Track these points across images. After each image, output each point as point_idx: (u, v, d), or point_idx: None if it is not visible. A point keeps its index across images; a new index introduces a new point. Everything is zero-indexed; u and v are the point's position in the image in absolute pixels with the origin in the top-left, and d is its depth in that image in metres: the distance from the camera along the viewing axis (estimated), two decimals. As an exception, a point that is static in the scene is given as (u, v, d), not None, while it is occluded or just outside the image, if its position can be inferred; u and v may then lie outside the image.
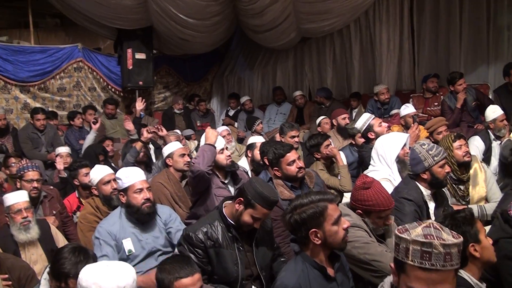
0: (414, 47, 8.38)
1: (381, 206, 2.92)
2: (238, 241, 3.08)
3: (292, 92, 9.11)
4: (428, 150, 3.53)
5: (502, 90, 6.77)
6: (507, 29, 7.76)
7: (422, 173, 3.53)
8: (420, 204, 3.41)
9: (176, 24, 7.76)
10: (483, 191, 4.26)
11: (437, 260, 1.75)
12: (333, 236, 2.47)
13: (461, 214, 2.43)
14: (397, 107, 7.20)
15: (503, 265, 2.75)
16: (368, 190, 2.96)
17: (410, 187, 3.52)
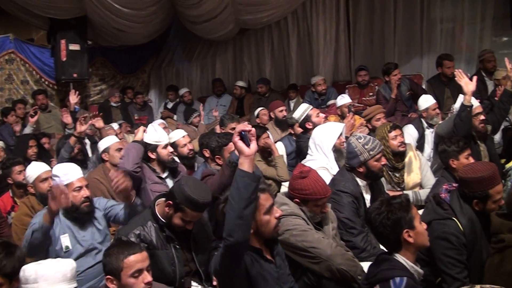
0: (350, 39, 8.55)
1: (317, 194, 2.98)
2: (173, 240, 3.03)
3: (232, 83, 9.09)
4: (364, 145, 3.56)
5: (435, 80, 7.01)
6: (440, 22, 8.06)
7: (358, 167, 3.58)
8: (356, 196, 3.49)
9: (111, 14, 7.56)
10: (417, 178, 4.40)
11: None
12: (265, 225, 2.50)
13: (397, 200, 2.48)
14: (333, 97, 7.34)
15: (436, 245, 2.89)
16: (305, 179, 3.01)
17: (346, 179, 3.58)
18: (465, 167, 3.03)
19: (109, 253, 2.50)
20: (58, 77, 8.41)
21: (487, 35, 7.84)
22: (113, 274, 2.45)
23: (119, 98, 8.87)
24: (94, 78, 9.70)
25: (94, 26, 8.18)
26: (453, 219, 2.89)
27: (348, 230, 3.34)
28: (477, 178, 2.82)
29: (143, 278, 2.45)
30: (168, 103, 9.39)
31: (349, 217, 3.34)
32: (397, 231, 2.41)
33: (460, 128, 4.38)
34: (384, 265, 2.41)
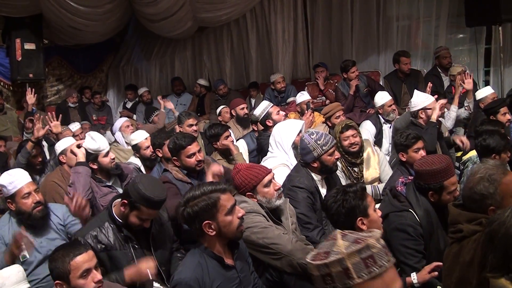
0: (308, 37, 8.64)
1: (258, 175, 3.04)
2: (132, 240, 2.99)
3: (192, 82, 9.03)
4: (317, 140, 3.58)
5: (392, 77, 7.16)
6: (396, 20, 8.23)
7: (312, 162, 3.60)
8: (312, 191, 3.50)
9: (67, 12, 7.36)
10: (375, 173, 4.48)
11: (381, 259, 1.43)
12: (227, 226, 2.46)
13: (352, 189, 2.53)
14: (293, 95, 7.39)
15: (394, 236, 2.96)
16: (240, 171, 3.07)
17: (301, 175, 3.60)
18: (420, 160, 3.10)
19: (54, 258, 2.45)
20: (13, 78, 8.13)
21: (442, 32, 8.04)
22: (62, 278, 2.40)
23: (77, 99, 8.66)
24: (51, 78, 9.47)
25: (50, 25, 7.95)
26: (409, 210, 2.96)
27: (304, 225, 3.35)
28: (432, 171, 2.88)
29: (92, 277, 2.42)
30: (127, 103, 9.25)
31: (305, 213, 3.36)
32: (352, 218, 2.50)
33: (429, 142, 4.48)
34: None
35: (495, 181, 2.28)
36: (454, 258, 2.34)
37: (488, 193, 2.28)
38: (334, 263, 1.40)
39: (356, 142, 4.36)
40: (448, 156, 3.34)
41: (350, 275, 1.38)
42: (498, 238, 1.59)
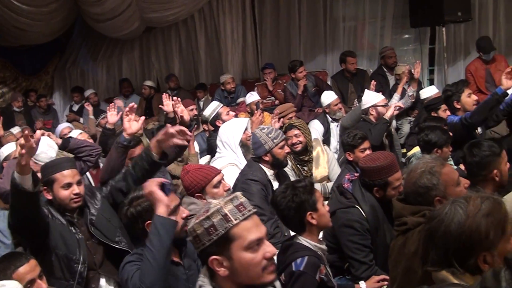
0: (257, 38, 8.67)
1: (208, 176, 3.06)
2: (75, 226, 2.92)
3: (140, 83, 8.88)
4: (268, 134, 3.67)
5: (339, 76, 7.31)
6: (343, 21, 8.39)
7: (264, 156, 3.68)
8: (265, 183, 3.56)
9: (9, 11, 7.09)
10: (325, 172, 4.56)
11: (248, 205, 1.77)
12: None
13: (301, 184, 2.56)
14: (243, 95, 7.39)
15: (341, 232, 3.04)
16: (189, 173, 3.07)
17: (254, 169, 3.66)
18: (365, 157, 3.18)
19: None
20: (-45, 81, 7.83)
21: (388, 33, 8.27)
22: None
23: (22, 103, 8.36)
24: (-5, 81, 9.11)
25: (-7, 25, 7.68)
26: (356, 207, 3.03)
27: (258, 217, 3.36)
28: (376, 167, 2.95)
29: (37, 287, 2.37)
30: (74, 106, 8.99)
31: (259, 204, 3.36)
32: (301, 213, 2.52)
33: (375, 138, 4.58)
34: (289, 251, 2.50)
35: (437, 172, 2.36)
36: (400, 250, 2.40)
37: (432, 184, 2.35)
38: (215, 213, 1.71)
39: (299, 141, 4.44)
40: (392, 153, 3.42)
41: (228, 219, 1.69)
42: (438, 236, 1.62)
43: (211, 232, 1.70)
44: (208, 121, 5.28)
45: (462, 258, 1.57)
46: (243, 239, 1.71)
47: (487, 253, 1.54)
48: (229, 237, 1.70)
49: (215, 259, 1.71)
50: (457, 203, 1.64)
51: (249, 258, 1.71)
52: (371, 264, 3.01)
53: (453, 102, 4.74)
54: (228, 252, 1.71)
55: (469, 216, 1.58)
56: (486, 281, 1.25)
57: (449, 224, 1.59)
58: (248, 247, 1.71)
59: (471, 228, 1.56)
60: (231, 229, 1.70)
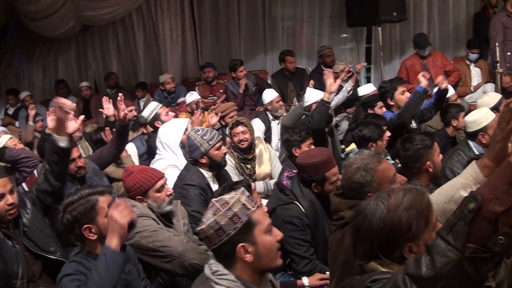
0: (196, 37, 8.60)
1: (151, 180, 2.96)
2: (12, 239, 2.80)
3: (77, 84, 8.62)
4: (203, 136, 3.60)
5: (279, 75, 7.39)
6: (281, 20, 8.50)
7: (200, 158, 3.60)
8: (203, 187, 3.50)
9: None
10: (267, 169, 4.59)
11: (254, 199, 1.95)
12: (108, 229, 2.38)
13: (238, 185, 2.55)
14: (183, 95, 7.33)
15: (282, 229, 2.94)
16: (132, 174, 2.97)
17: (191, 173, 3.59)
18: (302, 154, 3.22)
19: None
20: None
21: (325, 32, 8.44)
22: None
23: (-46, 108, 7.97)
24: None
25: None
26: (295, 203, 3.07)
27: (198, 222, 3.33)
28: (314, 163, 3.00)
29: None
30: (9, 109, 8.59)
31: (198, 210, 3.33)
32: None
33: (317, 121, 4.63)
34: None
35: (371, 169, 2.41)
36: (338, 244, 2.44)
37: (365, 181, 2.40)
38: (235, 203, 1.84)
39: (245, 138, 4.43)
40: (329, 149, 3.49)
41: (247, 207, 1.85)
42: (363, 232, 1.66)
43: (236, 221, 1.82)
44: (146, 122, 5.19)
45: (387, 251, 1.61)
46: (262, 223, 1.87)
47: (412, 244, 1.58)
48: (251, 223, 1.84)
49: (242, 246, 1.82)
50: (380, 198, 1.67)
51: (269, 240, 1.88)
52: (312, 258, 3.06)
53: (387, 99, 4.91)
54: (253, 237, 1.84)
55: (391, 210, 1.61)
56: (408, 267, 1.30)
57: (372, 220, 1.63)
58: (267, 230, 1.88)
59: (392, 222, 1.59)
60: (252, 215, 1.85)
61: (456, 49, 8.31)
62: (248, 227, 1.83)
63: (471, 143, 4.13)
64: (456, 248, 1.20)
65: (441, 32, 8.42)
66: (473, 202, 1.19)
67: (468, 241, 1.19)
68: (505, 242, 1.16)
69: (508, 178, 1.18)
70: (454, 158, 3.99)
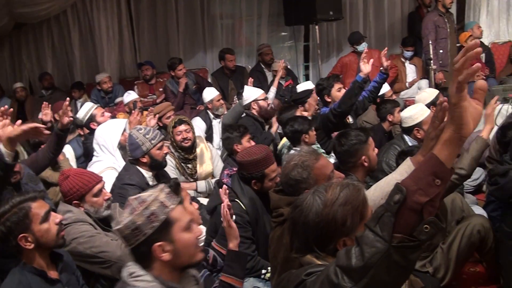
0: (134, 35, 8.44)
1: (88, 184, 2.88)
2: None
3: (11, 85, 8.27)
4: (145, 135, 3.56)
5: (219, 73, 7.40)
6: (220, 18, 8.48)
7: (141, 158, 3.57)
8: (143, 187, 3.41)
9: None
10: (209, 168, 4.58)
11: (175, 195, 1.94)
12: (45, 235, 2.32)
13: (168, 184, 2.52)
14: (121, 95, 7.16)
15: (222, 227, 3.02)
16: (68, 178, 2.89)
17: (131, 172, 3.54)
18: (241, 152, 3.23)
19: None
20: None
21: (264, 30, 8.51)
22: None
23: None
24: None
25: None
26: (235, 200, 3.06)
27: None
28: (253, 161, 3.02)
29: None
30: None
31: None
32: None
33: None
34: None
35: (308, 166, 2.45)
36: (278, 240, 2.47)
37: (302, 178, 2.44)
38: (153, 202, 1.78)
39: (189, 137, 4.41)
40: (267, 146, 3.53)
41: (166, 205, 1.79)
42: (299, 225, 1.69)
43: (153, 220, 1.76)
44: (82, 124, 5.04)
45: (322, 244, 1.64)
46: (181, 221, 1.82)
47: (346, 238, 1.61)
48: (170, 221, 1.78)
49: (159, 246, 1.76)
50: (317, 192, 1.70)
51: (188, 237, 1.83)
52: (254, 255, 3.06)
53: (324, 96, 5.01)
54: (171, 236, 1.79)
55: (327, 206, 1.64)
56: (339, 259, 1.32)
57: (308, 214, 1.65)
58: (186, 228, 1.83)
59: (328, 217, 1.62)
60: (170, 213, 1.79)
61: (391, 47, 8.55)
62: (166, 225, 1.78)
63: (406, 137, 4.29)
64: (383, 239, 1.23)
65: (376, 30, 8.67)
66: (398, 194, 1.23)
67: (395, 231, 1.22)
68: (430, 231, 1.20)
69: (431, 170, 1.23)
70: (390, 152, 4.11)
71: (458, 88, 1.21)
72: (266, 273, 3.02)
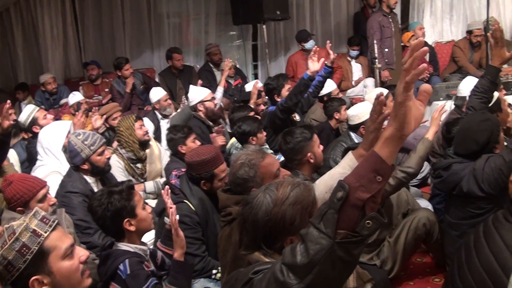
0: (79, 34, 8.21)
1: (32, 190, 2.81)
2: None
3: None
4: (84, 141, 3.44)
5: (167, 73, 7.33)
6: (167, 17, 8.36)
7: (82, 165, 3.45)
8: (87, 194, 3.36)
9: None
10: (158, 167, 4.56)
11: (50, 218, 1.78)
12: None
13: (118, 188, 2.48)
14: (66, 96, 6.95)
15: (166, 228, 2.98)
16: (12, 184, 2.81)
17: (73, 179, 3.43)
18: (190, 152, 3.22)
19: None
20: None
21: (212, 29, 8.48)
22: None
23: None
24: None
25: None
26: (185, 201, 3.06)
27: (84, 231, 3.20)
28: (202, 161, 3.01)
29: None
30: None
31: (82, 218, 3.20)
32: (118, 221, 2.44)
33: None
34: (109, 260, 2.40)
35: (255, 165, 2.49)
36: (227, 240, 2.48)
37: (249, 176, 2.48)
38: (23, 232, 1.66)
39: (148, 131, 4.48)
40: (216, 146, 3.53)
41: (38, 233, 1.67)
42: (248, 222, 1.70)
43: (25, 253, 1.64)
44: (24, 127, 4.88)
45: (269, 242, 1.65)
46: (58, 248, 1.69)
47: (294, 237, 1.63)
48: (44, 251, 1.66)
49: (35, 280, 1.65)
50: (268, 190, 1.71)
51: (68, 265, 1.71)
52: (204, 255, 3.06)
53: (274, 95, 5.05)
54: (47, 267, 1.67)
55: (276, 205, 1.65)
56: (285, 256, 1.33)
57: (257, 212, 1.66)
58: (65, 255, 1.70)
59: (277, 216, 1.64)
60: (44, 242, 1.67)
61: (337, 46, 8.71)
62: (41, 257, 1.66)
63: (353, 135, 4.40)
64: (327, 235, 1.25)
65: (323, 30, 8.81)
66: (341, 191, 1.25)
67: (338, 227, 1.24)
68: (373, 226, 1.24)
69: (373, 167, 1.25)
70: (337, 149, 4.20)
71: (405, 87, 1.23)
72: (216, 273, 3.02)
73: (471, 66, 7.59)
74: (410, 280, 3.64)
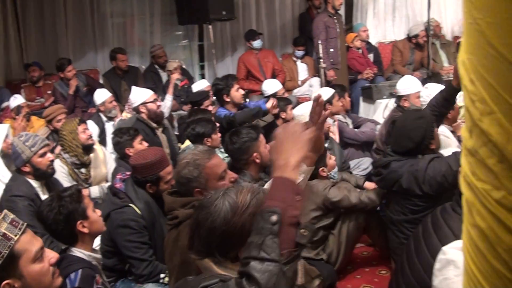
0: (20, 35, 7.94)
1: None
2: None
3: None
4: (25, 142, 3.38)
5: (111, 74, 7.19)
6: (111, 17, 8.19)
7: (23, 167, 3.39)
8: (32, 198, 3.31)
9: None
10: (103, 171, 4.49)
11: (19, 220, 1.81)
12: None
13: (67, 192, 2.43)
14: (7, 99, 6.69)
15: (118, 234, 3.00)
16: None
17: (18, 183, 3.38)
18: (135, 155, 3.19)
19: None
20: None
21: (157, 30, 8.38)
22: None
23: None
24: None
25: None
26: (130, 205, 3.01)
27: None
28: (147, 164, 2.98)
29: None
30: None
31: (28, 222, 3.07)
32: (71, 224, 2.38)
33: None
34: (62, 265, 2.32)
35: (199, 165, 2.48)
36: (174, 243, 2.45)
37: (192, 176, 2.46)
38: None
39: (91, 135, 4.40)
40: (161, 148, 3.51)
41: (8, 237, 1.66)
42: (204, 229, 1.62)
43: None
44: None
45: (224, 250, 1.59)
46: (29, 251, 1.70)
47: None
48: (14, 255, 1.66)
49: (6, 284, 1.64)
50: (227, 196, 1.63)
51: (39, 268, 1.73)
52: (151, 259, 3.03)
53: (223, 95, 5.05)
54: (18, 271, 1.67)
55: (236, 214, 1.59)
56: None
57: (215, 220, 1.59)
58: (35, 258, 1.71)
59: (236, 226, 1.58)
60: (14, 246, 1.66)
61: (283, 46, 8.83)
62: (11, 261, 1.66)
63: (300, 133, 4.42)
64: (273, 260, 1.28)
65: (269, 30, 8.87)
66: (275, 214, 1.32)
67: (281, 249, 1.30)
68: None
69: (293, 190, 1.40)
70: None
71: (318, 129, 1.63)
72: (164, 277, 3.00)
73: (403, 68, 7.81)
74: (357, 274, 3.74)
